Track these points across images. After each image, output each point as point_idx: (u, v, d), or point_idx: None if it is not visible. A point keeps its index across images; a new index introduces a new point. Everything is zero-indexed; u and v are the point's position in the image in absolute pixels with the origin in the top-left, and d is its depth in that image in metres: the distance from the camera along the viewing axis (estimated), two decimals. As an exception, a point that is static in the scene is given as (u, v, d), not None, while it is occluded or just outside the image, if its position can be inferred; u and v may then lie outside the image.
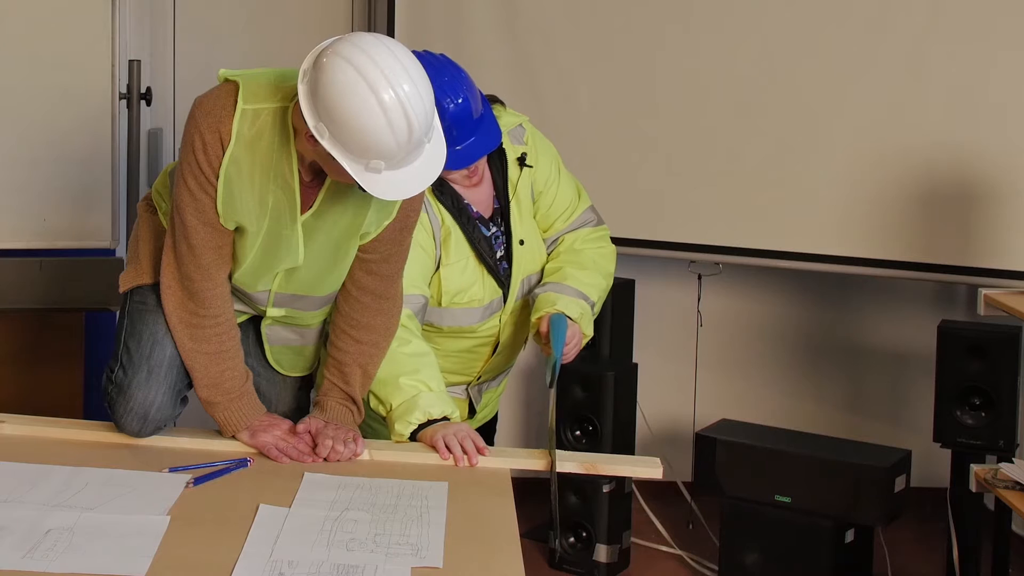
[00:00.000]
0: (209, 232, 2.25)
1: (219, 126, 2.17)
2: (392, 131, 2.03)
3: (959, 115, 3.51)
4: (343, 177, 2.13)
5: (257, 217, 2.24)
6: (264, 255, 2.31)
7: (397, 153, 2.06)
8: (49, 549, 1.86)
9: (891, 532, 3.76)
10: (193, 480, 2.18)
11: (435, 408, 2.43)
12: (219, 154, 2.18)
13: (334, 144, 2.05)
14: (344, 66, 2.02)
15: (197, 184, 2.21)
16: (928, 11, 3.53)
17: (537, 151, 2.76)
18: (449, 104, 2.47)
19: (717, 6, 3.79)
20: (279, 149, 2.19)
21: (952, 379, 3.40)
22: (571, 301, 2.68)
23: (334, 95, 2.02)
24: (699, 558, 3.97)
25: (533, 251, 2.75)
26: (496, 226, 2.71)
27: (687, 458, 3.89)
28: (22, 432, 2.41)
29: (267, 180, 2.21)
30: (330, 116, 2.03)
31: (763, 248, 3.79)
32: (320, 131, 2.06)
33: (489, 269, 2.67)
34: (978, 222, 3.49)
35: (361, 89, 2.00)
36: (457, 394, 2.79)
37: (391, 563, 1.88)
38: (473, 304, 2.67)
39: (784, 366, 4.39)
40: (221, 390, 2.35)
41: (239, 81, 2.20)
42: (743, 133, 3.78)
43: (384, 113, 2.01)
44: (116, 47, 3.67)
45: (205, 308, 2.31)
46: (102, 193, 3.70)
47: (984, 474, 3.06)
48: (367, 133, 2.02)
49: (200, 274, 2.29)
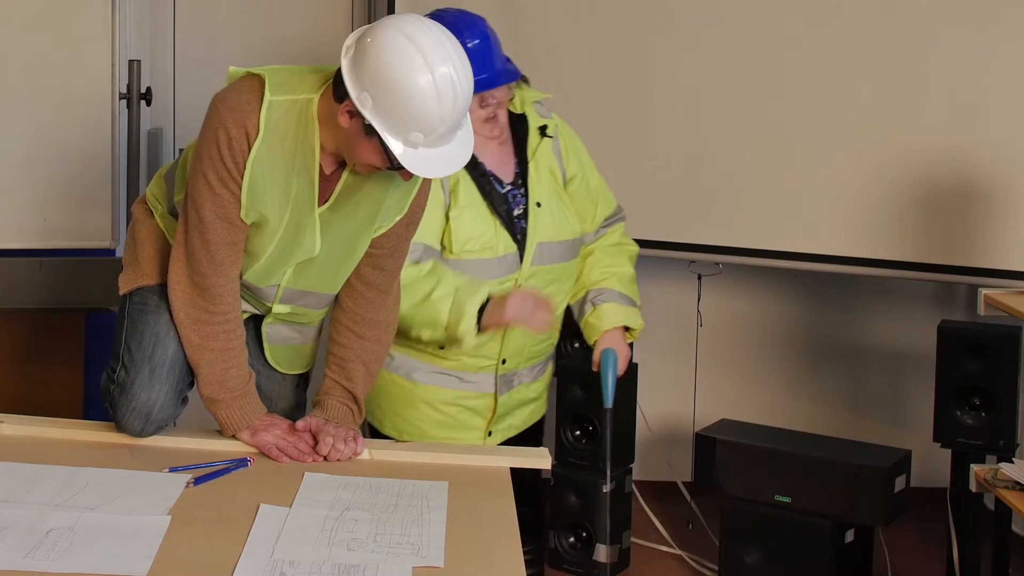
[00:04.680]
0: (226, 228, 2.26)
1: (245, 120, 2.18)
2: (439, 101, 2.06)
3: (959, 115, 3.51)
4: (368, 159, 2.15)
5: (281, 207, 2.26)
6: (283, 246, 2.32)
7: (438, 127, 2.09)
8: (50, 549, 1.86)
9: (891, 532, 3.76)
10: (193, 480, 2.18)
11: (480, 288, 2.59)
12: (244, 149, 2.19)
13: (376, 114, 2.08)
14: (397, 36, 2.07)
15: (218, 179, 2.22)
16: (928, 11, 3.53)
17: (567, 134, 2.86)
18: (468, 43, 2.52)
19: (717, 6, 3.79)
20: (303, 140, 2.21)
21: (952, 379, 3.40)
22: (628, 312, 2.86)
23: (387, 61, 2.05)
24: (699, 558, 3.97)
25: (554, 217, 2.78)
26: (515, 187, 2.75)
27: (687, 458, 3.89)
28: (22, 432, 2.41)
29: (291, 170, 2.23)
30: (377, 84, 2.06)
31: (763, 248, 3.79)
32: (363, 101, 2.08)
33: (503, 221, 2.70)
34: (978, 222, 3.49)
35: (415, 57, 2.05)
36: (484, 387, 2.79)
37: (392, 563, 1.89)
38: (486, 253, 2.68)
39: (784, 366, 4.39)
40: (224, 388, 2.35)
41: (264, 75, 2.21)
42: (743, 133, 3.78)
43: (435, 82, 2.05)
44: (116, 47, 3.67)
45: (215, 305, 2.32)
46: (102, 193, 3.70)
47: (984, 474, 3.06)
48: (415, 101, 2.05)
49: (213, 269, 2.29)
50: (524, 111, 2.80)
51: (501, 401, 2.83)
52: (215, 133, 2.20)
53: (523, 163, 2.77)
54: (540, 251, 2.75)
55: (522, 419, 2.91)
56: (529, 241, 2.74)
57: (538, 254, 2.75)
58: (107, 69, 3.66)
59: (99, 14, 3.65)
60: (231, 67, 2.28)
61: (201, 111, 2.29)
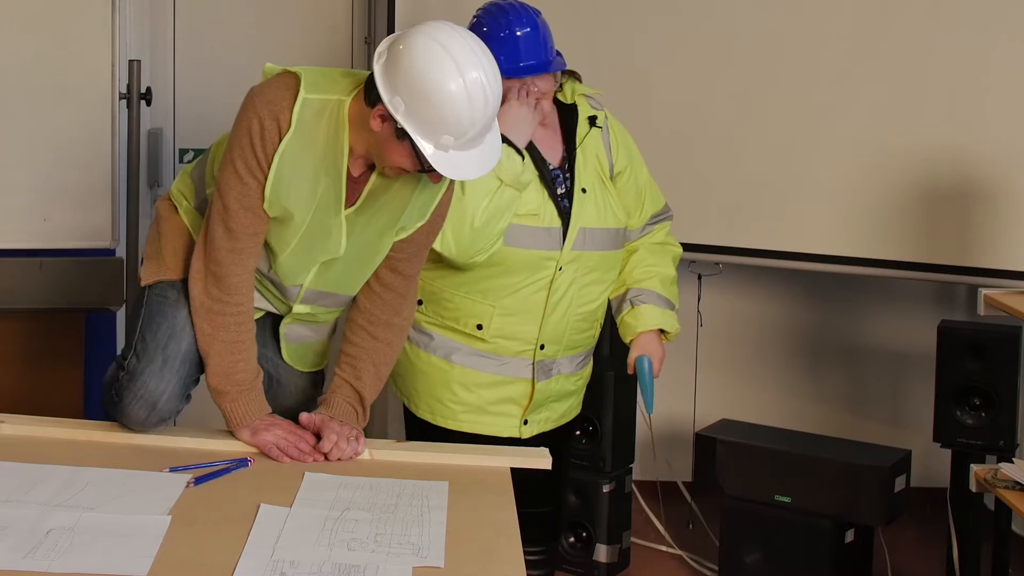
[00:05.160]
0: (250, 217, 2.30)
1: (279, 113, 2.24)
2: (470, 105, 2.13)
3: (959, 115, 3.51)
4: (399, 162, 2.21)
5: (306, 204, 2.31)
6: (306, 244, 2.36)
7: (469, 130, 2.15)
8: (50, 549, 1.86)
9: (891, 532, 3.76)
10: (194, 480, 2.18)
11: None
12: (275, 140, 2.24)
13: (408, 118, 2.14)
14: (430, 42, 2.14)
15: (246, 168, 2.27)
16: (928, 11, 3.53)
17: (617, 129, 2.90)
18: (518, 30, 2.67)
19: (716, 6, 3.80)
20: (333, 141, 2.27)
21: (952, 379, 3.40)
22: (665, 315, 2.87)
23: (420, 66, 2.13)
24: (699, 558, 3.97)
25: (598, 205, 2.80)
26: (561, 171, 2.80)
27: (687, 458, 3.89)
28: (22, 432, 2.40)
29: (320, 169, 2.28)
30: (410, 88, 2.13)
31: (763, 248, 3.79)
32: (396, 105, 2.14)
33: (551, 194, 2.74)
34: (978, 222, 3.49)
35: (446, 62, 2.12)
36: (521, 371, 2.80)
37: (392, 563, 1.89)
38: (532, 221, 2.71)
39: (784, 366, 4.39)
40: (232, 380, 2.37)
41: (300, 74, 2.27)
42: (743, 133, 3.78)
43: (466, 86, 2.12)
44: (116, 47, 3.66)
45: (229, 295, 2.35)
46: (102, 193, 3.69)
47: (984, 474, 3.06)
48: (446, 105, 2.12)
49: (232, 259, 2.33)
50: (575, 101, 2.86)
51: (538, 388, 2.83)
52: (248, 123, 2.25)
53: (571, 150, 2.81)
54: (583, 235, 2.77)
55: (559, 412, 2.91)
56: (572, 224, 2.76)
57: (580, 238, 2.77)
58: (107, 69, 3.66)
59: (99, 14, 3.64)
60: (267, 64, 2.34)
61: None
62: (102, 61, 3.65)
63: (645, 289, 2.89)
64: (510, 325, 2.75)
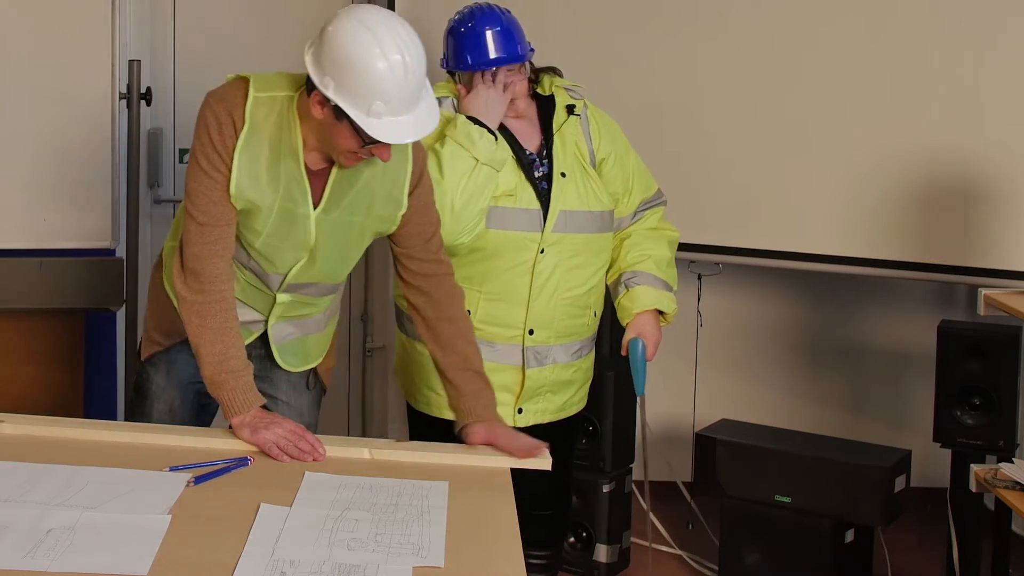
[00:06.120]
0: (219, 210, 2.41)
1: (232, 110, 2.37)
2: (390, 67, 2.22)
3: (959, 115, 3.51)
4: (344, 143, 2.31)
5: (270, 197, 2.42)
6: (277, 233, 2.46)
7: (396, 95, 2.24)
8: (50, 549, 1.86)
9: (891, 532, 3.76)
10: (194, 479, 2.18)
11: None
12: (232, 135, 2.37)
13: (339, 93, 2.25)
14: (348, 20, 2.27)
15: (209, 163, 2.38)
16: (928, 11, 3.53)
17: (599, 117, 2.94)
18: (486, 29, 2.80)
19: (716, 6, 3.80)
20: (287, 134, 2.40)
21: (952, 379, 3.40)
22: (661, 295, 2.89)
23: (339, 41, 2.25)
24: (699, 558, 3.97)
25: (579, 188, 2.83)
26: (539, 157, 2.84)
27: (687, 458, 3.89)
28: (22, 432, 2.40)
29: (278, 163, 2.40)
30: (335, 65, 2.25)
31: (763, 248, 3.79)
32: (326, 84, 2.25)
33: (527, 176, 2.79)
34: (978, 222, 3.49)
35: (361, 32, 2.24)
36: (511, 358, 2.81)
37: (393, 562, 1.89)
38: (508, 202, 2.76)
39: (784, 366, 4.39)
40: (226, 368, 2.41)
41: (249, 77, 2.42)
42: (743, 133, 3.79)
43: (383, 52, 2.23)
44: (116, 47, 3.66)
45: (210, 284, 2.43)
46: (102, 193, 3.69)
47: (984, 474, 3.06)
48: (370, 72, 2.22)
49: (207, 251, 2.42)
50: (552, 92, 2.90)
51: (530, 375, 2.83)
52: (206, 121, 2.39)
53: (548, 137, 2.85)
54: (564, 218, 2.79)
55: (558, 404, 2.91)
56: (552, 206, 2.79)
57: (561, 220, 2.79)
58: (107, 69, 3.66)
59: (99, 14, 3.64)
60: (229, 73, 2.47)
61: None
62: (102, 61, 3.65)
63: (639, 271, 2.90)
64: (497, 310, 2.79)
